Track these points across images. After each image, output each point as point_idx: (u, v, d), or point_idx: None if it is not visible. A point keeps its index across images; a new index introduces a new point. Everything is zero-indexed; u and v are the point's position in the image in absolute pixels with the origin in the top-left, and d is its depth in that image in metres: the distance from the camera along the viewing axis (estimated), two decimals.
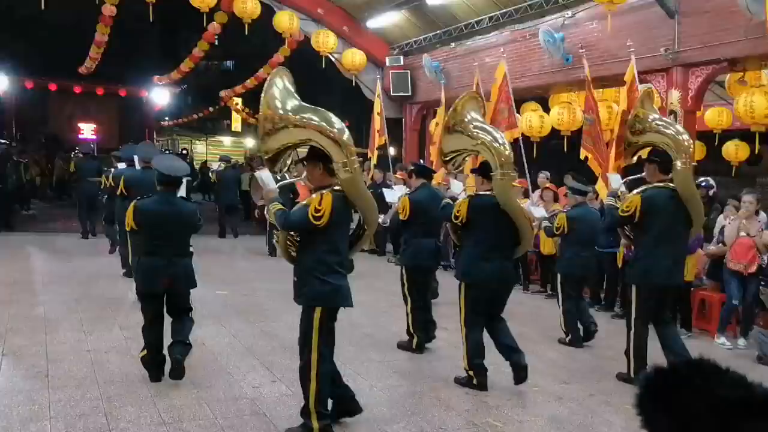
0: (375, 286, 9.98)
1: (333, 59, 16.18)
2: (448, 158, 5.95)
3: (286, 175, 7.68)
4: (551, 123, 12.38)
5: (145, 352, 5.31)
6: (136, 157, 8.95)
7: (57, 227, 15.00)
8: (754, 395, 1.07)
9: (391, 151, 14.05)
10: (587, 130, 9.42)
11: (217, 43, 18.73)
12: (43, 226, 15.14)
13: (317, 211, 4.32)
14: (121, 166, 9.63)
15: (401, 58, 16.17)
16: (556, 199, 10.10)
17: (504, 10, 12.87)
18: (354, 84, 16.58)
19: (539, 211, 9.02)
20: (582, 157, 9.28)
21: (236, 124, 37.59)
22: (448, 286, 10.42)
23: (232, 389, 5.16)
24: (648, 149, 6.41)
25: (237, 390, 5.15)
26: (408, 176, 8.61)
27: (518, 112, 11.88)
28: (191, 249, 5.55)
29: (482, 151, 5.65)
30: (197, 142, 39.47)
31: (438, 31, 14.92)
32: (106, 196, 10.79)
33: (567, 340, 7.30)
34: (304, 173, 4.91)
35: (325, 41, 15.29)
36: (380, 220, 7.13)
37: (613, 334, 7.85)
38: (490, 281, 5.63)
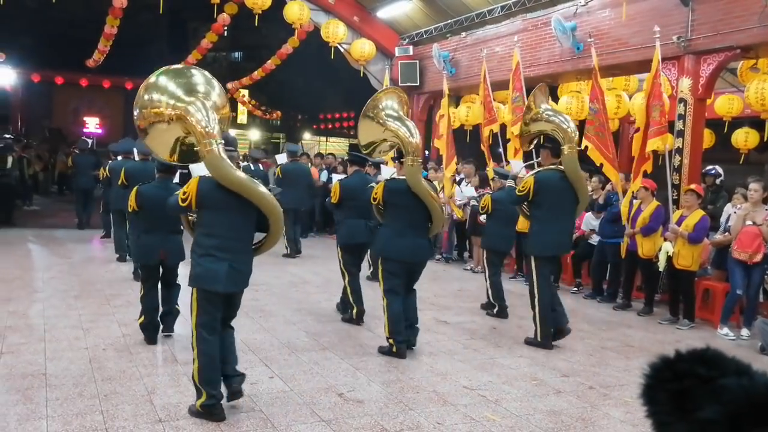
0: (373, 285, 9.92)
1: (342, 50, 16.09)
2: (367, 149, 6.48)
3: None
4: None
5: (143, 318, 6.22)
6: (135, 150, 9.71)
7: (58, 222, 14.99)
8: (758, 384, 1.06)
9: None
10: (590, 119, 9.33)
11: (225, 34, 18.62)
12: (44, 221, 15.15)
13: (184, 194, 4.66)
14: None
15: (411, 48, 16.04)
16: None
17: None
18: (362, 74, 16.48)
19: (469, 191, 10.51)
20: (582, 146, 9.18)
21: (242, 116, 37.52)
22: (448, 282, 10.42)
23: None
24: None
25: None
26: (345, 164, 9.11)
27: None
28: (181, 227, 5.88)
29: (392, 140, 6.23)
30: None
31: (449, 21, 14.79)
32: (101, 188, 11.94)
33: (495, 311, 8.02)
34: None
35: (334, 31, 15.20)
36: None
37: (615, 326, 7.80)
38: (405, 256, 6.21)
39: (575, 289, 9.72)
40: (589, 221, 9.83)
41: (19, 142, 17.98)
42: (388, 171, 7.19)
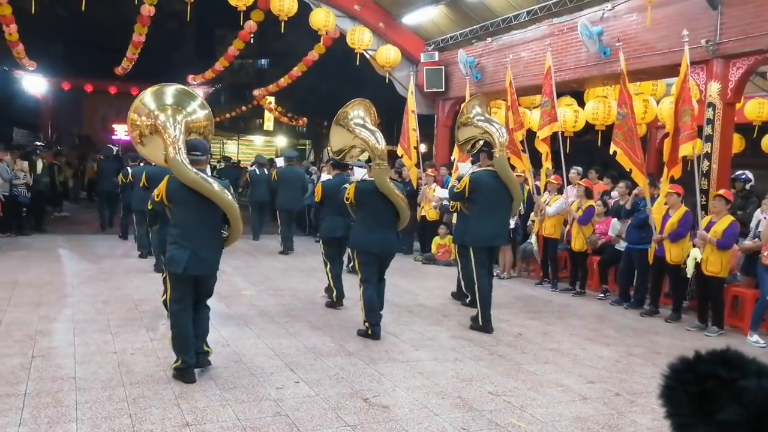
0: (401, 285, 9.94)
1: (367, 56, 16.15)
2: (339, 155, 7.50)
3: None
4: (586, 117, 12.23)
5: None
6: None
7: (87, 228, 15.23)
8: None
9: (422, 147, 13.97)
10: (619, 124, 9.25)
11: (252, 41, 18.73)
12: (74, 227, 15.36)
13: (158, 192, 5.49)
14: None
15: (436, 54, 16.06)
16: (589, 195, 9.95)
17: (543, 4, 12.70)
18: (387, 81, 16.52)
19: (442, 192, 11.12)
20: (611, 151, 9.12)
21: (268, 123, 37.79)
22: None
23: (256, 390, 5.15)
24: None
25: (260, 391, 5.14)
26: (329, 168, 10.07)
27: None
28: None
29: (360, 145, 7.12)
30: (229, 141, 39.80)
31: (474, 26, 14.78)
32: (120, 191, 12.90)
33: (467, 301, 8.46)
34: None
35: (360, 38, 15.27)
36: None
37: (642, 332, 7.73)
38: (375, 248, 6.99)
39: (602, 295, 9.64)
40: (615, 227, 9.75)
41: (50, 149, 18.26)
42: (360, 173, 7.94)
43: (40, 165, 13.97)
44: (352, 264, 8.92)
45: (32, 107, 30.60)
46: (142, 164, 10.94)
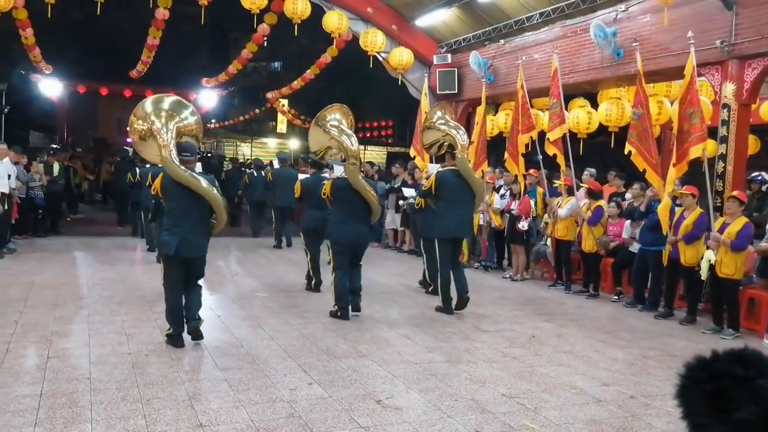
0: (413, 287, 9.95)
1: (380, 58, 16.16)
2: (318, 155, 8.43)
3: None
4: (599, 119, 12.17)
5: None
6: None
7: (102, 230, 15.39)
8: None
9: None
10: (634, 124, 9.20)
11: (265, 44, 18.78)
12: (89, 229, 15.49)
13: (153, 187, 6.51)
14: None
15: (449, 56, 16.03)
16: (595, 196, 9.92)
17: (555, 6, 12.66)
18: (400, 83, 16.53)
19: (409, 191, 12.03)
20: (626, 151, 9.08)
21: (281, 125, 37.85)
22: (487, 290, 10.37)
23: (269, 391, 5.16)
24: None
25: (274, 392, 5.15)
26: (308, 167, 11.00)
27: (566, 108, 11.72)
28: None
29: (335, 146, 7.96)
30: (242, 143, 39.92)
31: (487, 28, 14.76)
32: (130, 190, 13.81)
33: (430, 289, 9.35)
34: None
35: (373, 40, 15.28)
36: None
37: (657, 334, 7.69)
38: (348, 239, 7.80)
39: (616, 297, 9.58)
40: (628, 229, 9.70)
41: (65, 151, 18.39)
42: (339, 170, 8.37)
43: (56, 167, 14.06)
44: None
45: (48, 110, 30.86)
46: (148, 165, 11.16)
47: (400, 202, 13.51)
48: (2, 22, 13.63)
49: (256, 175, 15.55)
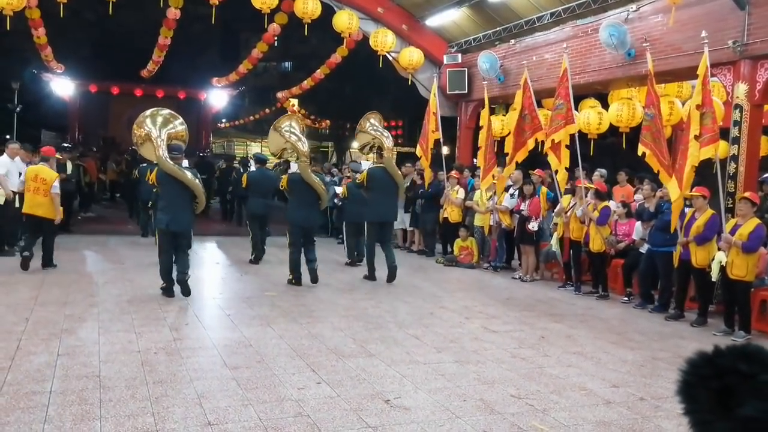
0: (423, 287, 9.98)
1: (390, 58, 16.15)
2: (276, 155, 10.68)
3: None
4: (610, 119, 12.13)
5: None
6: None
7: (111, 229, 15.50)
8: None
9: (445, 150, 13.96)
10: (647, 125, 9.13)
11: (276, 44, 18.79)
12: (98, 227, 15.55)
13: (151, 177, 8.58)
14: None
15: (459, 56, 16.01)
16: (604, 198, 9.88)
17: (566, 6, 12.63)
18: (410, 83, 16.52)
19: (339, 188, 13.61)
20: (640, 153, 9.02)
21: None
22: (496, 290, 10.35)
23: (277, 390, 5.16)
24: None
25: (282, 391, 5.15)
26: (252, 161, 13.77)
27: (577, 108, 11.67)
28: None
29: (290, 147, 9.82)
30: (252, 143, 40.00)
31: (498, 28, 14.73)
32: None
33: (348, 262, 11.93)
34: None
35: (383, 40, 15.29)
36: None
37: (667, 336, 7.65)
38: (301, 222, 9.76)
39: (626, 298, 9.53)
40: (639, 230, 9.65)
41: (75, 150, 18.46)
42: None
43: (69, 166, 14.11)
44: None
45: (60, 109, 31.02)
46: (144, 164, 12.30)
47: (335, 200, 14.06)
48: (15, 22, 13.69)
49: (242, 171, 16.03)
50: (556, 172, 10.50)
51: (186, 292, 8.31)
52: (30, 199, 9.97)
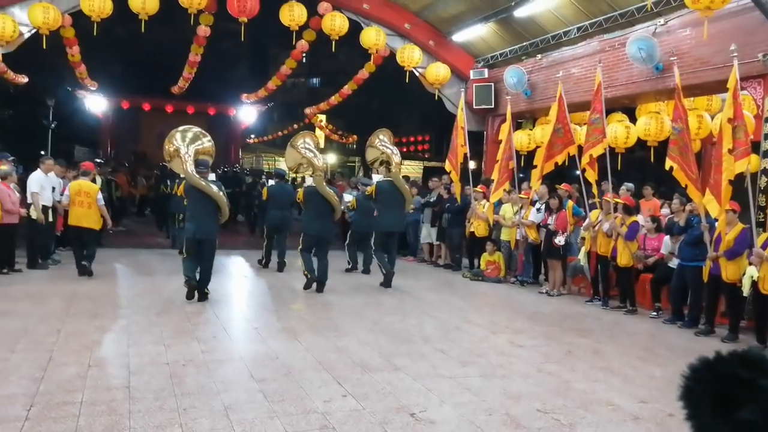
0: (449, 302, 9.98)
1: (417, 74, 16.23)
2: (293, 170, 11.61)
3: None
4: (637, 133, 12.05)
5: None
6: None
7: (141, 242, 15.75)
8: None
9: (471, 164, 13.96)
10: (674, 139, 9.07)
11: (304, 60, 18.96)
12: (128, 240, 15.82)
13: (180, 190, 9.38)
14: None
15: (486, 71, 16.03)
16: (633, 212, 9.80)
17: (593, 20, 12.61)
18: (437, 98, 16.57)
19: (348, 196, 14.19)
20: (667, 167, 8.96)
21: (319, 140, 38.14)
22: (522, 305, 10.30)
23: (303, 403, 5.19)
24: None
25: (308, 404, 5.18)
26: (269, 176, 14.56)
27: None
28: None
29: (306, 163, 10.60)
30: (281, 158, 40.26)
31: (524, 43, 14.75)
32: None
33: (349, 268, 12.70)
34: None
35: (410, 56, 15.38)
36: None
37: (697, 352, 7.38)
38: (315, 232, 10.27)
39: (654, 313, 9.43)
40: (668, 244, 9.56)
41: (107, 165, 18.78)
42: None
43: (99, 180, 14.36)
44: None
45: (93, 125, 31.58)
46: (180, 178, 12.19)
47: (343, 208, 13.78)
48: (50, 40, 14.01)
49: (266, 185, 16.09)
50: (600, 184, 10.45)
51: (203, 298, 8.99)
52: (75, 211, 10.73)
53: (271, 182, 13.74)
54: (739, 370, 1.09)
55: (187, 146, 9.10)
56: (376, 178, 12.14)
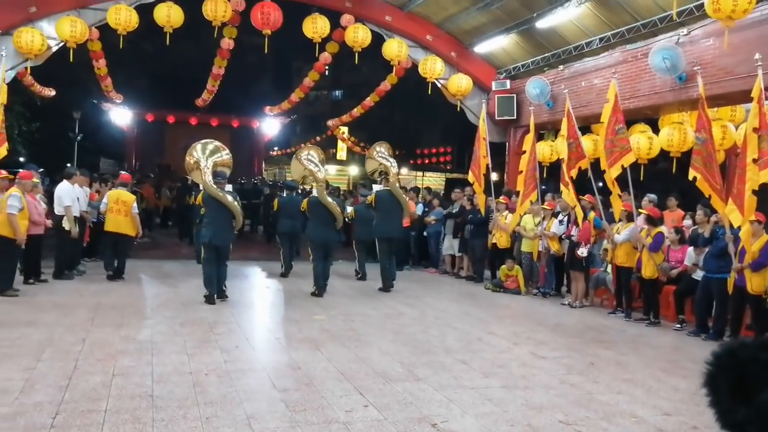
0: (471, 313, 9.94)
1: (439, 85, 16.28)
2: (299, 181, 12.02)
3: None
4: (660, 144, 11.99)
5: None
6: None
7: (165, 254, 15.91)
8: None
9: (494, 176, 13.95)
10: (698, 149, 9.01)
11: (327, 73, 19.07)
12: (153, 252, 15.98)
13: (198, 200, 10.26)
14: None
15: (508, 82, 16.06)
16: (657, 223, 9.73)
17: (615, 31, 12.59)
18: (459, 109, 16.60)
19: (349, 208, 14.53)
20: (690, 177, 8.89)
21: (341, 152, 38.28)
22: (545, 316, 10.24)
23: (325, 413, 5.21)
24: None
25: (330, 414, 5.20)
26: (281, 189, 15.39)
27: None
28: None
29: (309, 174, 11.29)
30: None
31: (546, 54, 14.75)
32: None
33: (358, 277, 13.16)
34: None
35: (432, 67, 15.45)
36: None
37: None
38: (319, 239, 11.03)
39: (678, 325, 9.35)
40: (692, 255, 9.48)
41: (133, 176, 18.99)
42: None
43: None
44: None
45: (118, 138, 31.99)
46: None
47: (346, 218, 14.01)
48: (77, 54, 14.26)
49: (285, 195, 16.37)
50: (620, 196, 10.39)
51: (222, 296, 9.83)
52: (112, 218, 11.55)
53: (284, 194, 14.20)
54: (760, 354, 1.10)
55: (206, 158, 9.74)
56: (376, 188, 12.94)
